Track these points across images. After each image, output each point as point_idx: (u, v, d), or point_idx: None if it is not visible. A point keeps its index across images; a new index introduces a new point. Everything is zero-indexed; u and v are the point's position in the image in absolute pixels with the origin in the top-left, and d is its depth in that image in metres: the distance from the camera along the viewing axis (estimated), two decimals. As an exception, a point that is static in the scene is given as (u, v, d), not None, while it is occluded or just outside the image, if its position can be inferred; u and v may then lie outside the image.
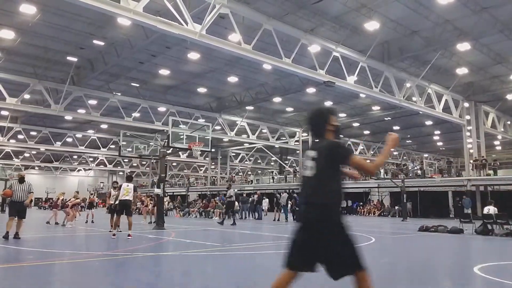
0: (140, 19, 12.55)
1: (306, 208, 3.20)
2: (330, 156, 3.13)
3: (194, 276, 6.53)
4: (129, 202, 11.79)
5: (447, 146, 46.39)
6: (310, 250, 3.12)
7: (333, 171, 3.17)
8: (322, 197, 3.12)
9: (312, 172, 3.17)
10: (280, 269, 3.27)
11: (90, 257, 8.32)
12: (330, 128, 3.29)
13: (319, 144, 3.25)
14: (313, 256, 3.12)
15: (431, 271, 7.18)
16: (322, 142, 3.25)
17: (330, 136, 3.28)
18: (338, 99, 29.23)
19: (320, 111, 3.49)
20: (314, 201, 3.15)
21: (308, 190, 3.20)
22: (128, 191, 11.78)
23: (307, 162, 3.24)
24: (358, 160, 3.16)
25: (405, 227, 18.95)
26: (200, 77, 25.12)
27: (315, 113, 3.45)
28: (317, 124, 3.34)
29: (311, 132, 3.42)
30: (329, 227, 3.09)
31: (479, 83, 25.78)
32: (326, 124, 3.29)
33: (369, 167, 3.14)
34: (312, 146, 3.33)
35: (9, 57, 21.38)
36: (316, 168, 3.15)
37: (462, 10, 16.38)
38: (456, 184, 27.67)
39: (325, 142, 3.24)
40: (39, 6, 16.08)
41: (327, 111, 3.45)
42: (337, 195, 3.20)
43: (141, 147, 21.24)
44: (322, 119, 3.32)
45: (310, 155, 3.22)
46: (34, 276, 6.34)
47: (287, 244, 3.25)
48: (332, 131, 3.29)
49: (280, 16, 16.56)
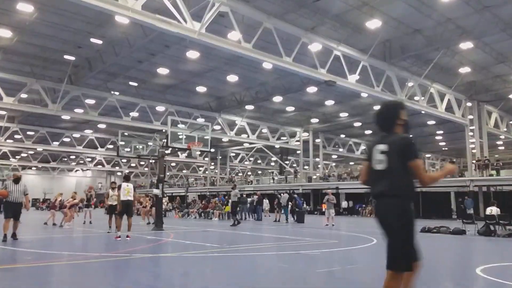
0: (139, 18, 12.40)
1: (381, 200, 3.27)
2: (402, 151, 3.19)
3: (193, 277, 6.44)
4: (131, 202, 11.66)
5: (450, 146, 46.24)
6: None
7: (404, 165, 3.19)
8: (397, 189, 3.18)
9: (384, 165, 3.23)
10: (281, 270, 3.10)
11: (88, 258, 8.18)
12: (400, 122, 3.35)
13: (390, 138, 3.29)
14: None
15: (433, 272, 7.05)
16: (392, 136, 3.30)
17: (399, 130, 3.34)
18: (339, 98, 29.07)
19: (391, 106, 3.54)
20: (389, 193, 3.20)
21: (382, 183, 3.24)
22: (129, 191, 11.61)
23: (376, 156, 3.29)
24: (419, 165, 3.21)
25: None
26: (199, 76, 24.93)
27: (385, 107, 3.51)
28: (387, 119, 3.41)
29: (378, 125, 3.45)
30: (399, 218, 3.15)
31: (482, 83, 25.64)
32: (396, 119, 3.36)
33: (424, 176, 3.19)
34: (381, 140, 3.35)
35: (6, 56, 21.22)
36: (388, 161, 3.21)
37: (464, 8, 16.24)
38: (458, 184, 27.47)
39: (397, 136, 3.29)
40: (36, 4, 15.91)
41: (398, 105, 3.49)
42: (410, 187, 3.24)
43: (139, 147, 21.04)
44: (392, 114, 3.39)
45: (380, 149, 3.28)
46: (33, 277, 6.26)
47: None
48: (401, 125, 3.35)
49: (280, 14, 16.39)
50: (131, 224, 11.61)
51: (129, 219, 11.47)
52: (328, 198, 18.87)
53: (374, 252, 10.04)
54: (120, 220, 11.56)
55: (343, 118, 35.04)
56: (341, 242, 12.18)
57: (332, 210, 18.76)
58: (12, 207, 10.73)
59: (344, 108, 32.28)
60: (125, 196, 11.44)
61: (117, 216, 11.89)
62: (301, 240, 12.44)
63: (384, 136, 3.39)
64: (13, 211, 10.73)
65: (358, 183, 33.91)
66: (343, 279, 6.45)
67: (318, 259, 8.70)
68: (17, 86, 23.32)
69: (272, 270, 7.32)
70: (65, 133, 38.37)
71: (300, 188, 36.69)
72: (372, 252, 9.98)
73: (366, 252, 9.94)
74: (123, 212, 11.56)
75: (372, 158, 3.34)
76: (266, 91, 27.07)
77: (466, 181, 26.34)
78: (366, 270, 7.49)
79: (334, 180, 37.03)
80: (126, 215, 11.49)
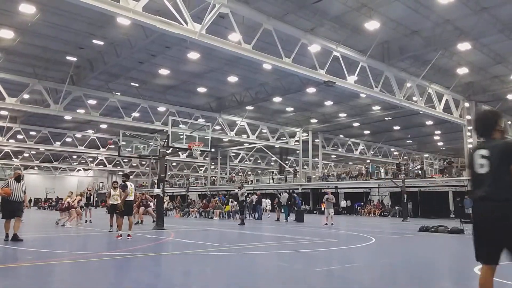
0: (140, 19, 12.52)
1: (485, 203, 3.43)
2: (505, 155, 3.38)
3: (194, 276, 6.50)
4: (132, 202, 11.91)
5: (448, 146, 46.37)
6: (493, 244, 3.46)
7: (506, 169, 3.34)
8: (502, 192, 3.33)
9: (486, 169, 3.41)
10: (280, 269, 3.25)
11: (90, 257, 8.28)
12: (499, 129, 3.61)
13: (490, 143, 3.52)
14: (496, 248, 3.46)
15: (431, 271, 7.15)
16: (493, 142, 3.53)
17: (498, 136, 3.58)
18: (338, 99, 29.22)
19: (490, 114, 3.79)
20: (494, 197, 3.35)
21: (486, 186, 3.41)
22: (132, 191, 11.81)
23: (478, 160, 3.49)
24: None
25: (405, 227, 18.92)
26: (200, 77, 25.08)
27: (484, 115, 3.81)
28: (487, 125, 3.65)
29: (478, 132, 3.72)
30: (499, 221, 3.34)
31: (480, 83, 25.76)
32: (495, 126, 3.61)
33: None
34: (482, 145, 3.60)
35: (8, 57, 21.34)
36: (490, 165, 3.39)
37: (462, 10, 16.36)
38: (456, 184, 27.60)
39: (498, 142, 3.52)
40: (38, 5, 16.04)
41: (496, 114, 3.75)
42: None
43: (140, 147, 21.16)
44: (492, 121, 3.64)
45: (481, 154, 3.48)
46: (35, 276, 6.32)
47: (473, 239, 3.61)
48: (499, 132, 3.61)
49: (280, 15, 16.53)
50: (132, 224, 11.77)
51: (129, 219, 11.65)
52: (328, 198, 18.98)
53: (373, 251, 10.19)
54: (121, 219, 11.71)
55: (342, 118, 35.17)
56: (340, 241, 12.26)
57: (331, 209, 18.85)
58: (13, 205, 10.47)
59: (343, 109, 32.43)
60: (129, 196, 11.63)
61: (118, 216, 12.02)
62: (301, 239, 12.55)
63: (483, 141, 3.64)
64: (14, 209, 10.46)
65: (357, 182, 34.23)
66: (342, 278, 6.51)
67: (318, 258, 8.76)
68: (19, 86, 23.49)
69: (272, 269, 7.40)
70: (67, 133, 38.50)
71: (299, 188, 36.84)
72: (371, 251, 10.11)
73: (365, 251, 10.05)
74: (125, 212, 11.71)
75: (474, 163, 3.56)
76: (266, 92, 27.21)
77: (464, 181, 26.46)
78: (365, 269, 7.60)
79: (333, 180, 37.17)
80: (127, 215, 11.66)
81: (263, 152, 45.72)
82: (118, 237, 11.42)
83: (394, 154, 51.15)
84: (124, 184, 11.99)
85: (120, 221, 11.68)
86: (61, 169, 60.71)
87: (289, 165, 47.84)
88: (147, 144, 21.12)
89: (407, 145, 48.20)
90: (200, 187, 49.05)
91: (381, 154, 46.87)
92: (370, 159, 46.64)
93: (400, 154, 50.76)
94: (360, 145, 43.89)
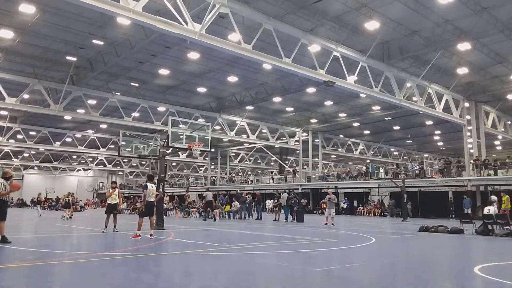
0: (140, 19, 12.50)
1: None
2: None
3: (194, 276, 6.51)
4: (153, 203, 12.10)
5: (448, 146, 46.40)
6: None
7: None
8: None
9: None
10: (280, 269, 3.24)
11: (90, 257, 8.29)
12: None
13: None
14: None
15: (431, 271, 7.16)
16: None
17: None
18: (338, 99, 29.24)
19: None
20: None
21: None
22: (154, 192, 11.89)
23: None
24: None
25: (405, 227, 18.92)
26: (200, 77, 25.08)
27: None
28: None
29: None
30: None
31: (480, 83, 25.77)
32: None
33: None
34: None
35: (8, 57, 21.36)
36: None
37: (462, 10, 16.37)
38: (456, 184, 27.60)
39: None
40: (38, 5, 16.06)
41: None
42: None
43: (140, 147, 21.19)
44: None
45: None
46: (35, 276, 6.33)
47: None
48: None
49: (280, 15, 16.52)
50: (153, 223, 12.11)
51: (151, 219, 11.86)
52: (330, 198, 18.76)
53: (373, 251, 10.20)
54: (142, 220, 11.71)
55: (342, 118, 35.18)
56: (340, 241, 12.26)
57: (332, 209, 18.75)
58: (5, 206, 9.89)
59: (343, 109, 32.44)
60: (150, 198, 11.72)
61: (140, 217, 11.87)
62: (301, 239, 12.55)
63: None
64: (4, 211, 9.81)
65: (357, 182, 34.16)
66: (342, 278, 6.52)
67: (317, 258, 8.77)
68: (19, 86, 23.47)
69: (272, 269, 7.41)
70: (67, 133, 38.46)
71: (299, 188, 36.83)
72: (371, 251, 10.13)
73: (365, 251, 10.06)
74: (146, 212, 11.79)
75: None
76: (266, 92, 27.22)
77: (464, 181, 26.48)
78: (365, 269, 7.61)
79: (333, 180, 37.16)
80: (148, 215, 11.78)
81: (263, 152, 45.72)
82: (135, 236, 11.36)
83: (394, 154, 51.14)
84: (145, 185, 12.04)
85: (141, 221, 11.68)
86: (61, 169, 60.68)
87: (289, 165, 47.85)
88: (147, 144, 21.14)
89: (407, 145, 48.19)
90: (200, 187, 49.02)
91: (381, 154, 46.86)
92: (370, 159, 46.64)
93: (400, 154, 50.77)
94: (360, 145, 43.88)
